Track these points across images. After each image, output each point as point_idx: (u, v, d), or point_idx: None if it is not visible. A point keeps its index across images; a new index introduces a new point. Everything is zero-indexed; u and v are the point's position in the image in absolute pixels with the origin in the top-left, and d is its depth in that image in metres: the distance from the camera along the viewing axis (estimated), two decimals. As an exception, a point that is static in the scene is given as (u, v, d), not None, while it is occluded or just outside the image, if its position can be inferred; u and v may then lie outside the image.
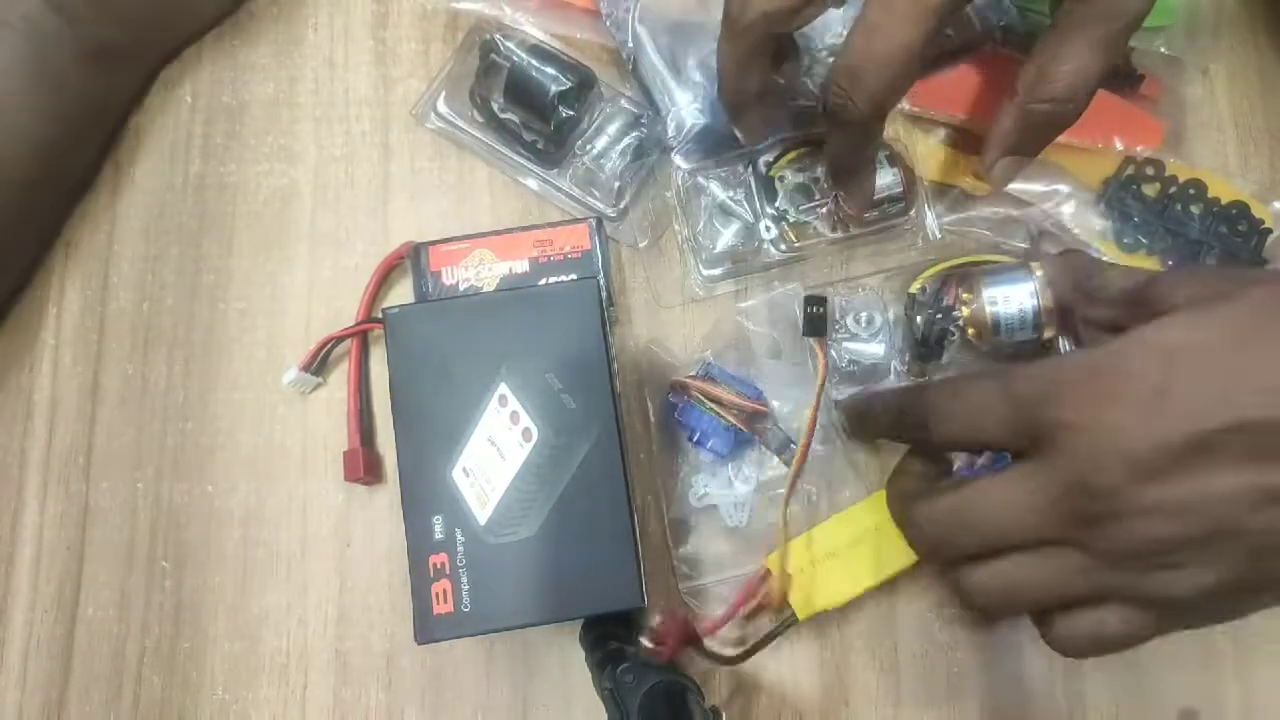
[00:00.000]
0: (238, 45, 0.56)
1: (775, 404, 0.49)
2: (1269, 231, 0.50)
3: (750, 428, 0.47)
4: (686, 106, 0.50)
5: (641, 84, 0.52)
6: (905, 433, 0.42)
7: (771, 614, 0.47)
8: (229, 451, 0.51)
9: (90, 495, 0.50)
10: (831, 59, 0.50)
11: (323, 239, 0.53)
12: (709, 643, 0.42)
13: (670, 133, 0.51)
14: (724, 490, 0.48)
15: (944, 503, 0.38)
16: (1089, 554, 0.34)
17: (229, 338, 0.52)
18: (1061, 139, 0.45)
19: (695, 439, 0.48)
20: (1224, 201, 0.50)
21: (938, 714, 0.48)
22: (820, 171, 0.50)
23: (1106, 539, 0.33)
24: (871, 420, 0.45)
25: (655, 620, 0.40)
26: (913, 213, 0.51)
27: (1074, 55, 0.39)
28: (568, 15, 0.54)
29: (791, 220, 0.50)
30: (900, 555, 0.43)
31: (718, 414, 0.47)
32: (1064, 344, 0.46)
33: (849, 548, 0.45)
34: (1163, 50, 0.52)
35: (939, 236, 0.51)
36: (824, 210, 0.50)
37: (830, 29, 0.51)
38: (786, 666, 0.48)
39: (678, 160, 0.52)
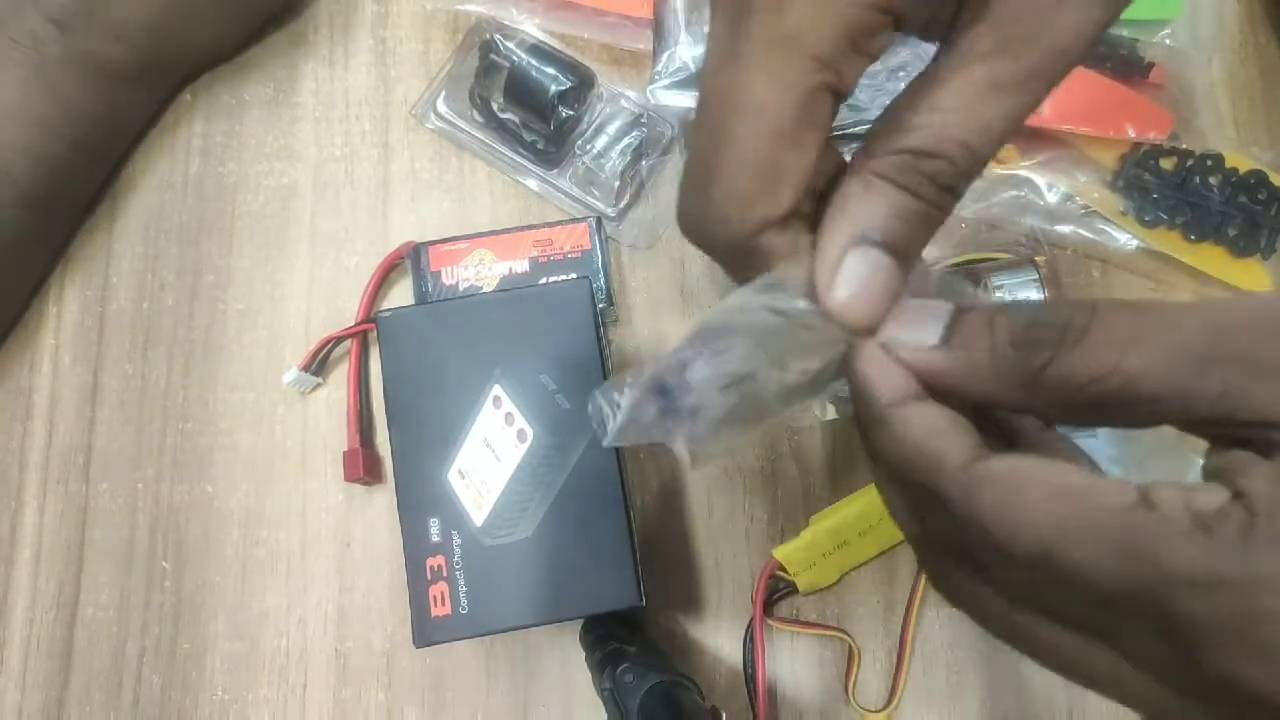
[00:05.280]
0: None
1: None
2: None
3: None
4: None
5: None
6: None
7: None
8: (229, 451, 0.51)
9: (90, 495, 0.51)
10: None
11: (323, 239, 0.53)
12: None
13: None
14: None
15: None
16: None
17: (229, 338, 0.52)
18: (1074, 127, 0.43)
19: None
20: (1242, 171, 0.51)
21: (938, 714, 0.48)
22: None
23: None
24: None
25: None
26: None
27: (959, 99, 0.23)
28: (573, 15, 0.54)
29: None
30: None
31: None
32: None
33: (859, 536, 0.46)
34: (1168, 43, 0.53)
35: (963, 227, 0.51)
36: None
37: None
38: (786, 666, 0.48)
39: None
